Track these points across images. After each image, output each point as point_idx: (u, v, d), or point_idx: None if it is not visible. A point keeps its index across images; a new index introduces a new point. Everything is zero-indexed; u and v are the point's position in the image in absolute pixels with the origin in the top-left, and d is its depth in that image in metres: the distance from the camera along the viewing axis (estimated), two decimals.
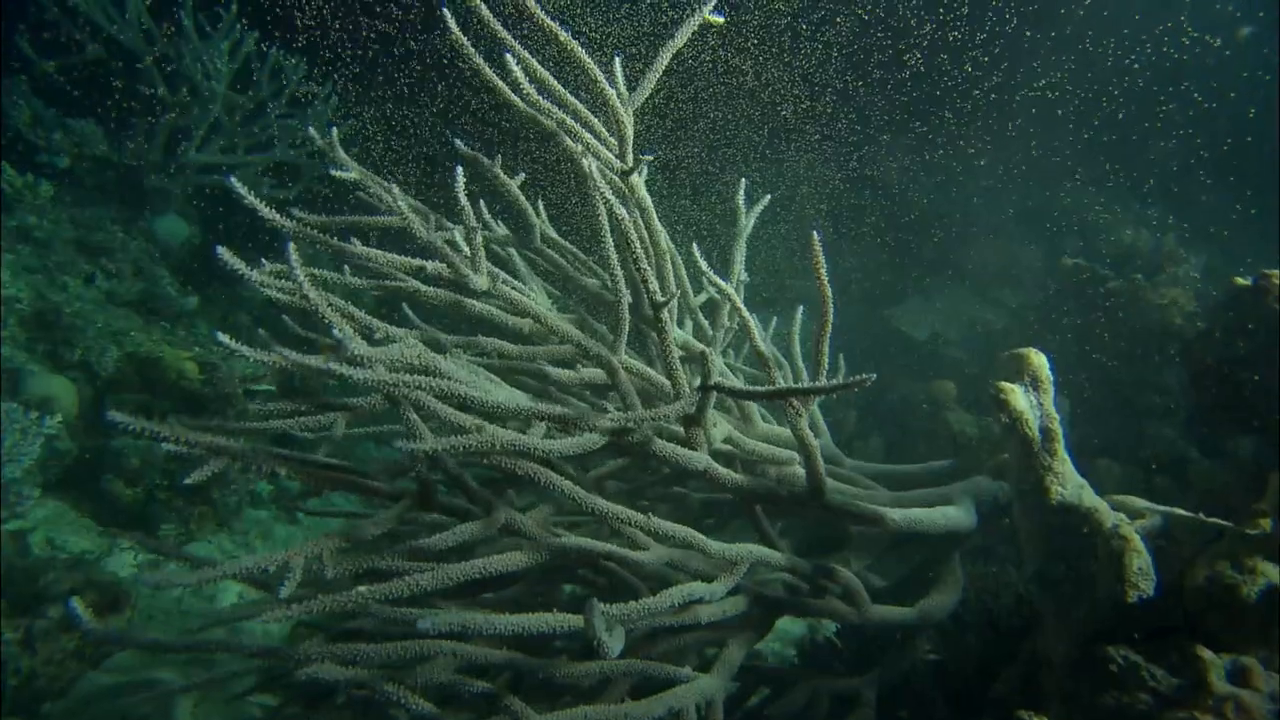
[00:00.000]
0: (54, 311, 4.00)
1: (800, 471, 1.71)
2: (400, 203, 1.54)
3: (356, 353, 1.14)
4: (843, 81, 6.41)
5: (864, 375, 1.19)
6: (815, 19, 5.93)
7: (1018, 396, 1.77)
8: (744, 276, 2.32)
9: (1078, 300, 3.96)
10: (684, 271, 2.29)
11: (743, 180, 2.29)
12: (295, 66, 5.14)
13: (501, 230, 2.11)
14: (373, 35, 5.23)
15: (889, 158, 7.61)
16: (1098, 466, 3.39)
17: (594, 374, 1.81)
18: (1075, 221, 6.51)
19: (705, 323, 2.02)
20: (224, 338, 1.24)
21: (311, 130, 1.78)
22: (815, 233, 1.39)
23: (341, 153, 1.74)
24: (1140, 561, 1.52)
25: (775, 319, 2.64)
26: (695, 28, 1.86)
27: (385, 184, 1.96)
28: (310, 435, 1.64)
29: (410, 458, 1.32)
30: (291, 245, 1.14)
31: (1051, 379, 1.86)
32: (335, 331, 1.19)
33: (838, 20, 6.07)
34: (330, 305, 1.26)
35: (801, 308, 2.23)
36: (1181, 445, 3.28)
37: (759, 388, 1.42)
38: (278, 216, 1.27)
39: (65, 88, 4.64)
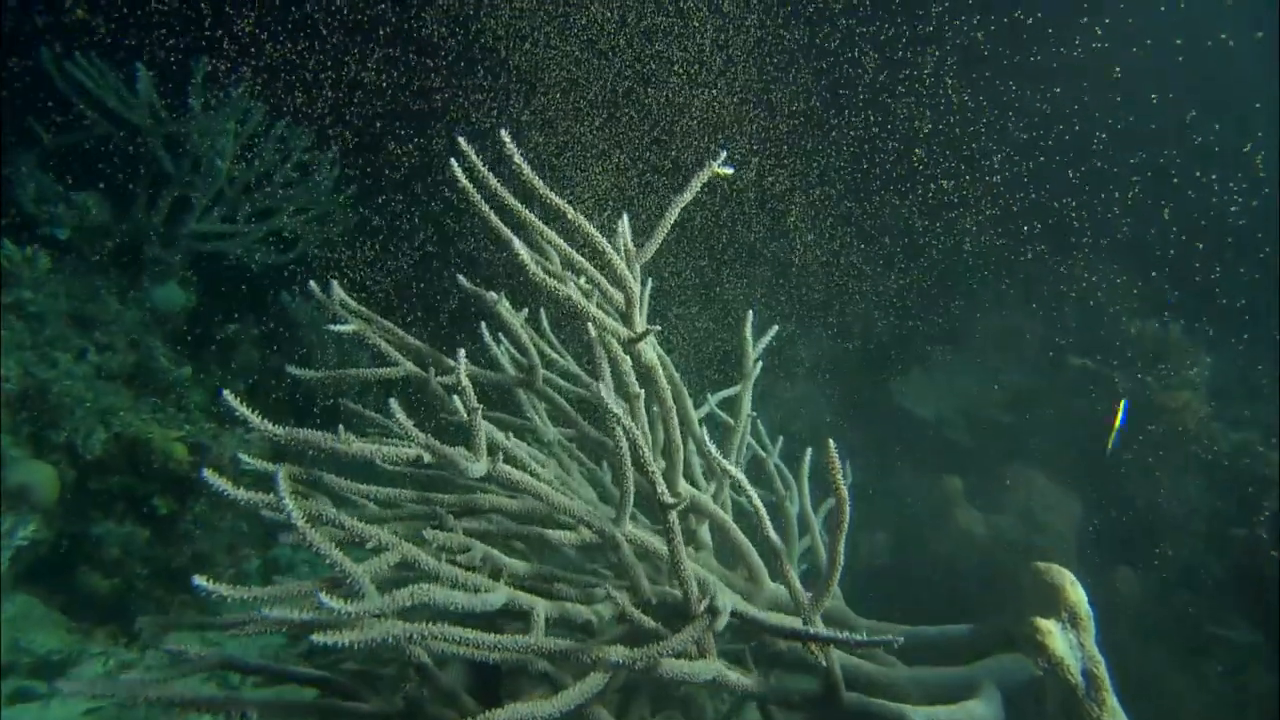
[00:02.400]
0: (41, 390, 3.92)
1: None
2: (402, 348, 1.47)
3: (342, 613, 1.05)
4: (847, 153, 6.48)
5: (890, 637, 1.09)
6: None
7: (1057, 639, 1.63)
8: (750, 411, 2.25)
9: (1085, 398, 3.91)
10: (689, 403, 2.22)
11: (749, 313, 2.24)
12: (299, 135, 5.17)
13: (509, 369, 2.04)
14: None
15: (895, 217, 7.64)
16: (1117, 576, 3.28)
17: (597, 539, 1.72)
18: (1076, 295, 6.48)
19: (711, 450, 1.93)
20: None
21: (312, 285, 1.72)
22: (831, 441, 1.32)
23: (340, 308, 1.68)
24: None
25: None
26: (704, 181, 1.83)
27: (386, 326, 1.90)
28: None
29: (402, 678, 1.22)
30: (282, 473, 1.06)
31: (1091, 614, 1.71)
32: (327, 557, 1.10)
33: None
34: (320, 524, 1.18)
35: (810, 450, 2.16)
36: (1202, 554, 3.19)
37: (774, 621, 1.33)
38: (270, 426, 1.20)
39: (71, 160, 4.66)
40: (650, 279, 2.12)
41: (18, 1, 4.63)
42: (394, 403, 1.22)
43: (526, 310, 2.05)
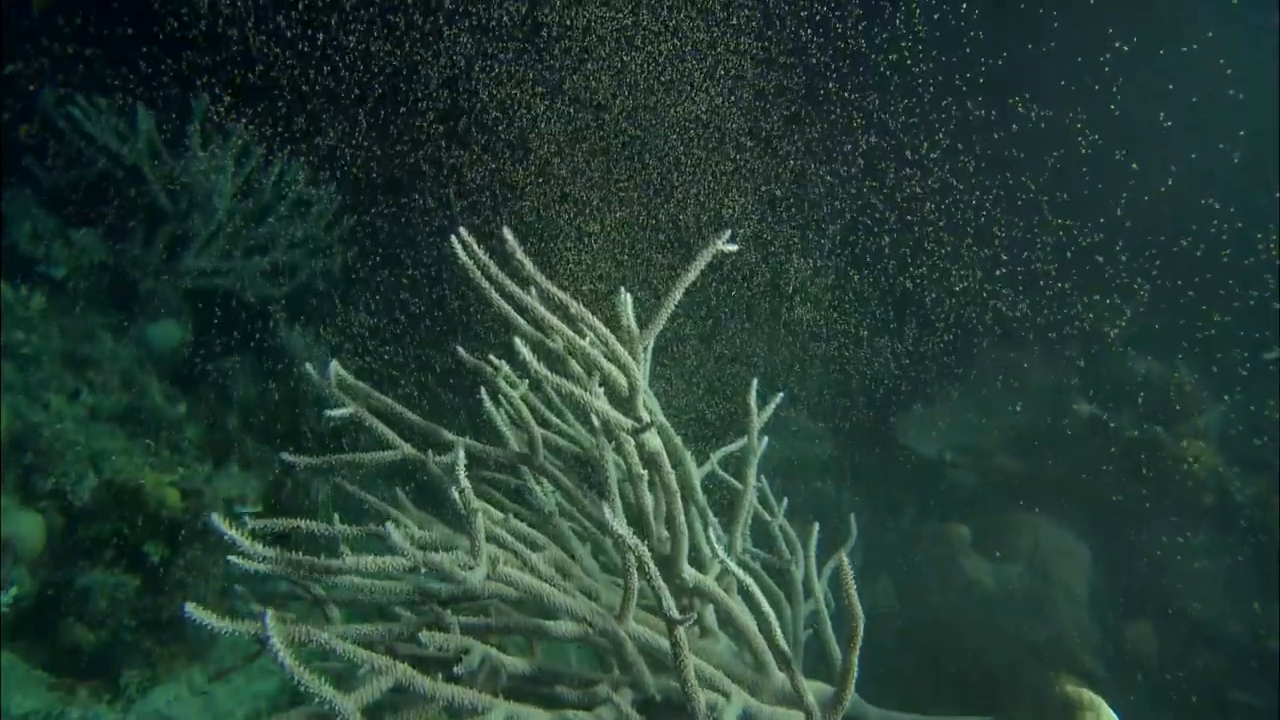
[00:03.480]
0: (32, 434, 3.85)
1: None
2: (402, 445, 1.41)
3: None
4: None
5: None
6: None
7: None
8: (755, 483, 2.19)
9: (1093, 447, 3.85)
10: (693, 466, 2.17)
11: (754, 380, 2.19)
12: (296, 170, 5.16)
13: (510, 437, 1.99)
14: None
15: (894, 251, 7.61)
16: (1131, 631, 3.19)
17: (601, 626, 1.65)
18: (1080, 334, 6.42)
19: (719, 552, 1.88)
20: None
21: (308, 368, 1.67)
22: (845, 557, 1.27)
23: (338, 391, 1.63)
24: None
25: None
26: (709, 259, 1.79)
27: (383, 403, 1.84)
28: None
29: None
30: (270, 618, 1.01)
31: None
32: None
33: None
34: (312, 642, 1.12)
35: (817, 525, 2.10)
36: (1222, 612, 3.10)
37: None
38: (259, 549, 1.14)
39: (68, 197, 4.64)
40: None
41: (17, 39, 4.63)
42: (395, 525, 1.16)
43: (528, 381, 2.00)
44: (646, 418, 1.64)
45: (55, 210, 4.62)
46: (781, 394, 2.23)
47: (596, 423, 1.46)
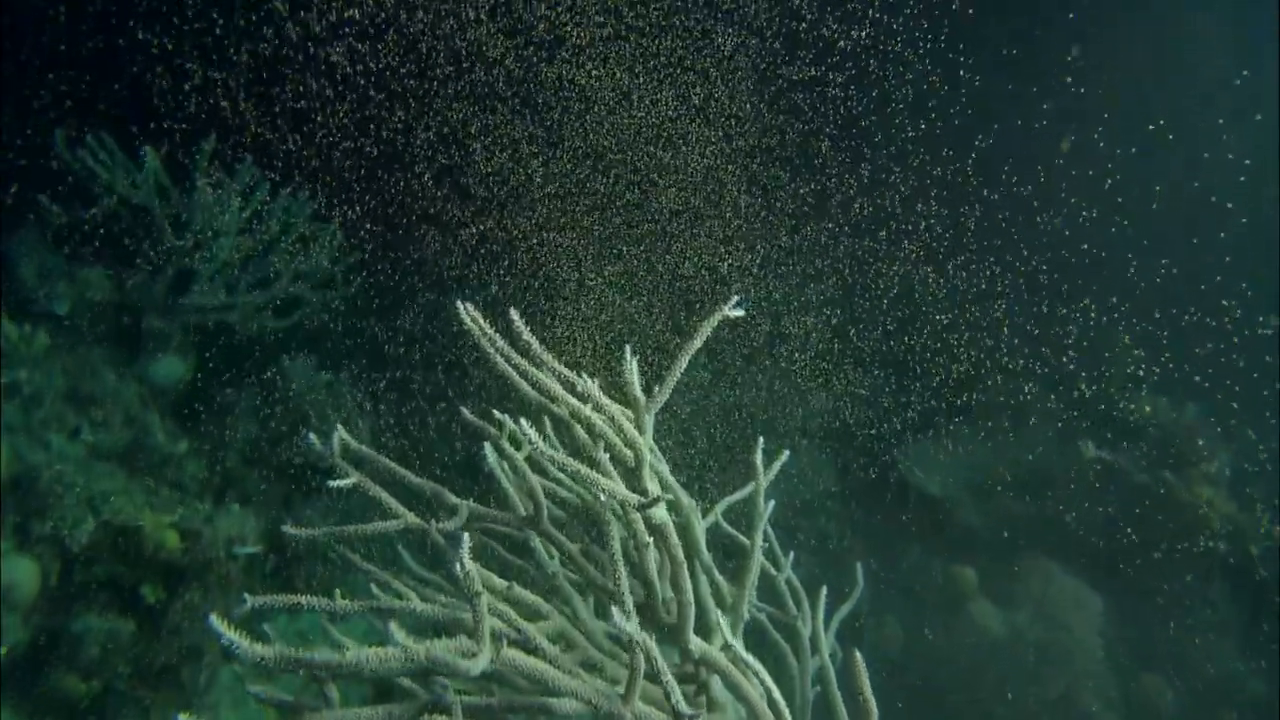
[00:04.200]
0: (31, 476, 3.83)
1: None
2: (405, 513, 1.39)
3: None
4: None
5: None
6: None
7: None
8: (762, 542, 2.16)
9: (1102, 490, 3.80)
10: (699, 524, 2.14)
11: (759, 439, 2.16)
12: (302, 205, 5.19)
13: (515, 497, 1.96)
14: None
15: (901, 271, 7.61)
16: (1145, 684, 3.12)
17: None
18: (1084, 351, 6.36)
19: (732, 642, 1.84)
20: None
21: (312, 437, 1.66)
22: (857, 653, 1.24)
23: (341, 461, 1.61)
24: None
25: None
26: (715, 324, 1.78)
27: (387, 468, 1.82)
28: None
29: None
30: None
31: None
32: None
33: None
34: None
35: (825, 588, 2.06)
36: (1241, 667, 3.02)
37: None
38: (258, 648, 1.12)
39: (74, 233, 4.66)
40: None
41: (28, 78, 4.70)
42: (395, 630, 1.14)
43: (532, 443, 1.98)
44: (654, 490, 1.62)
45: (61, 247, 4.65)
46: (787, 453, 2.20)
47: (603, 497, 1.44)
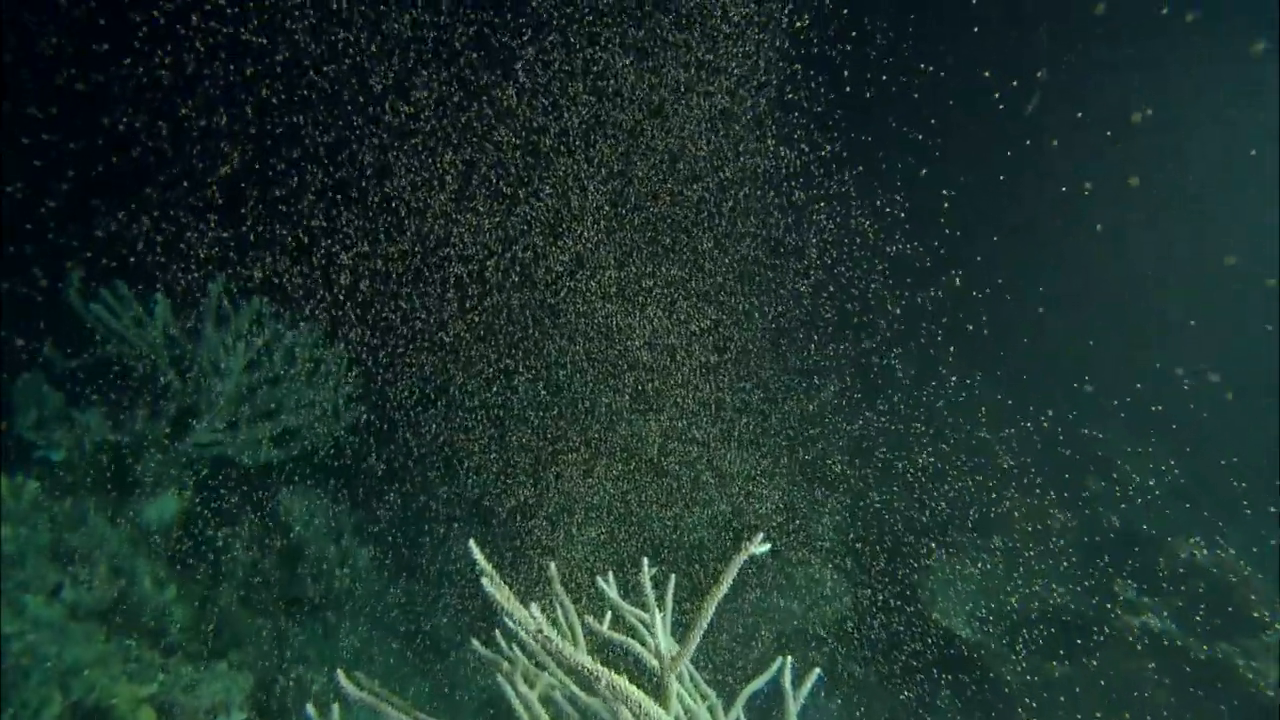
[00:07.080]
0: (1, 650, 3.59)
1: None
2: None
3: None
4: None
5: None
6: None
7: None
8: None
9: (1143, 653, 3.53)
10: None
11: (787, 659, 1.99)
12: (307, 336, 5.18)
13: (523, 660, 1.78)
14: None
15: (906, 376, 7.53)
16: None
17: None
18: (1109, 478, 6.15)
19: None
20: None
21: (309, 710, 1.51)
22: None
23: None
24: None
25: None
26: (740, 564, 1.66)
27: (399, 706, 1.66)
28: None
29: None
30: None
31: None
32: None
33: None
34: None
35: None
36: None
37: None
38: None
39: (78, 379, 4.63)
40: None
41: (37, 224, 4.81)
42: None
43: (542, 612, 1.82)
44: None
45: (62, 388, 4.60)
46: (818, 670, 2.02)
47: None
